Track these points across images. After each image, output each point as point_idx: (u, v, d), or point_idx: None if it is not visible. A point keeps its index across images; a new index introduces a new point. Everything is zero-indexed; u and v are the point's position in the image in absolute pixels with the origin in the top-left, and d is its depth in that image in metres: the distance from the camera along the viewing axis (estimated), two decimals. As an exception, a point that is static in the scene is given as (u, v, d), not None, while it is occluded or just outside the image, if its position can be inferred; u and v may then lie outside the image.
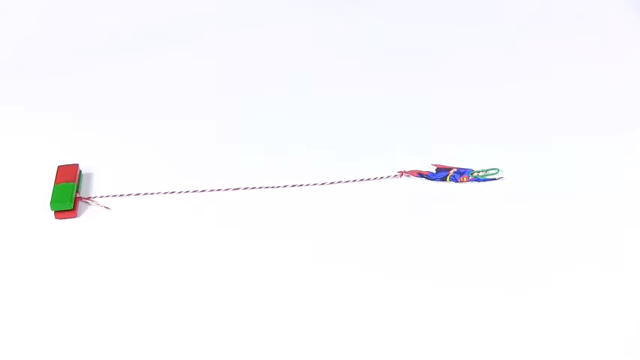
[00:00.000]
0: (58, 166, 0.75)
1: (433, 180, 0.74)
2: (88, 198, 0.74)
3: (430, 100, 0.82)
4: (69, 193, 0.72)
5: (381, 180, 0.74)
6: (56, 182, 0.73)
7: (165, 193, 0.74)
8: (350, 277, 0.67)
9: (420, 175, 0.74)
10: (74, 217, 0.72)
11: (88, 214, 0.73)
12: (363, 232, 0.70)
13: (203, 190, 0.74)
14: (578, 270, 0.66)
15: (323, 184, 0.74)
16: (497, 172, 0.74)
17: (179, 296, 0.66)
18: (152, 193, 0.74)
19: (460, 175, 0.74)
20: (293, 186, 0.74)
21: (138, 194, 0.74)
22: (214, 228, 0.71)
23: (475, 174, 0.74)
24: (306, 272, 0.67)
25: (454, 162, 0.75)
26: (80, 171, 0.75)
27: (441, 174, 0.74)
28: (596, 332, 0.62)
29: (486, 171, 0.74)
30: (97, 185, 0.75)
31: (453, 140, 0.78)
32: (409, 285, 0.66)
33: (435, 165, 0.75)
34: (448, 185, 0.74)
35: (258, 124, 0.81)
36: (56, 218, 0.72)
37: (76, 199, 0.73)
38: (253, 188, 0.74)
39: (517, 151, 0.76)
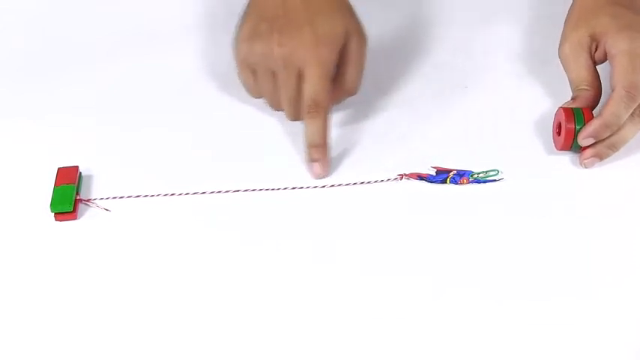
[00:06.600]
0: (58, 168, 0.75)
1: (433, 182, 0.74)
2: (88, 200, 0.74)
3: (430, 102, 0.82)
4: (69, 195, 0.72)
5: (381, 183, 0.74)
6: (56, 184, 0.73)
7: (166, 195, 0.74)
8: (351, 279, 0.67)
9: (420, 177, 0.74)
10: (74, 219, 0.72)
11: (88, 216, 0.73)
12: (364, 235, 0.70)
13: (203, 192, 0.74)
14: (580, 271, 0.66)
15: (323, 186, 0.74)
16: (497, 174, 0.74)
17: (180, 298, 0.66)
18: (152, 195, 0.74)
19: (460, 177, 0.74)
20: (293, 188, 0.74)
21: (138, 196, 0.74)
22: (215, 230, 0.71)
23: (475, 175, 0.74)
24: (306, 275, 0.67)
25: (454, 164, 0.75)
26: (80, 173, 0.75)
27: (441, 176, 0.74)
28: (597, 337, 0.62)
29: (486, 172, 0.74)
30: (97, 187, 0.75)
31: (452, 142, 0.78)
32: (411, 287, 0.66)
33: (434, 167, 0.75)
34: (448, 187, 0.74)
35: (259, 125, 0.80)
36: (56, 220, 0.72)
37: (76, 201, 0.73)
38: (254, 190, 0.74)
39: (517, 152, 0.76)
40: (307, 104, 0.74)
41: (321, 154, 0.74)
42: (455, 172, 0.74)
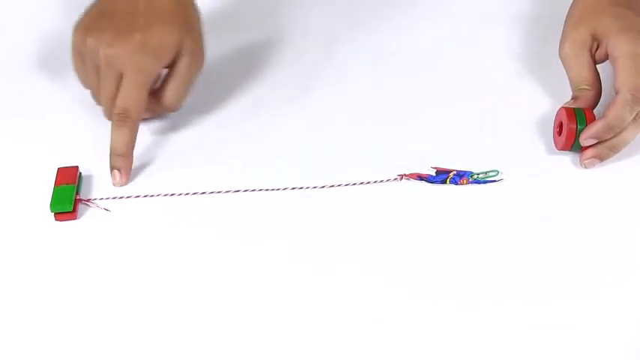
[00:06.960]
0: (58, 168, 0.75)
1: (433, 183, 0.74)
2: (88, 200, 0.74)
3: (430, 102, 0.82)
4: (69, 195, 0.72)
5: (381, 183, 0.74)
6: (56, 184, 0.73)
7: (166, 195, 0.74)
8: (350, 280, 0.67)
9: (420, 178, 0.74)
10: (74, 218, 0.72)
11: (87, 216, 0.73)
12: (364, 235, 0.70)
13: (203, 192, 0.74)
14: (580, 271, 0.66)
15: (323, 187, 0.74)
16: (497, 174, 0.74)
17: (179, 298, 0.66)
18: (152, 195, 0.74)
19: (460, 177, 0.74)
20: (293, 189, 0.74)
21: (138, 196, 0.74)
22: (215, 230, 0.71)
23: (475, 176, 0.74)
24: (306, 275, 0.67)
25: (454, 164, 0.75)
26: (80, 173, 0.75)
27: (441, 177, 0.74)
28: (597, 337, 0.62)
29: (486, 173, 0.74)
30: (96, 187, 0.75)
31: (452, 143, 0.78)
32: (410, 287, 0.66)
33: (434, 168, 0.75)
34: (448, 188, 0.74)
35: (259, 125, 0.80)
36: (56, 220, 0.72)
37: (76, 201, 0.73)
38: (253, 190, 0.74)
39: (517, 152, 0.76)
40: (117, 111, 0.74)
41: (122, 162, 0.75)
42: (455, 172, 0.74)
